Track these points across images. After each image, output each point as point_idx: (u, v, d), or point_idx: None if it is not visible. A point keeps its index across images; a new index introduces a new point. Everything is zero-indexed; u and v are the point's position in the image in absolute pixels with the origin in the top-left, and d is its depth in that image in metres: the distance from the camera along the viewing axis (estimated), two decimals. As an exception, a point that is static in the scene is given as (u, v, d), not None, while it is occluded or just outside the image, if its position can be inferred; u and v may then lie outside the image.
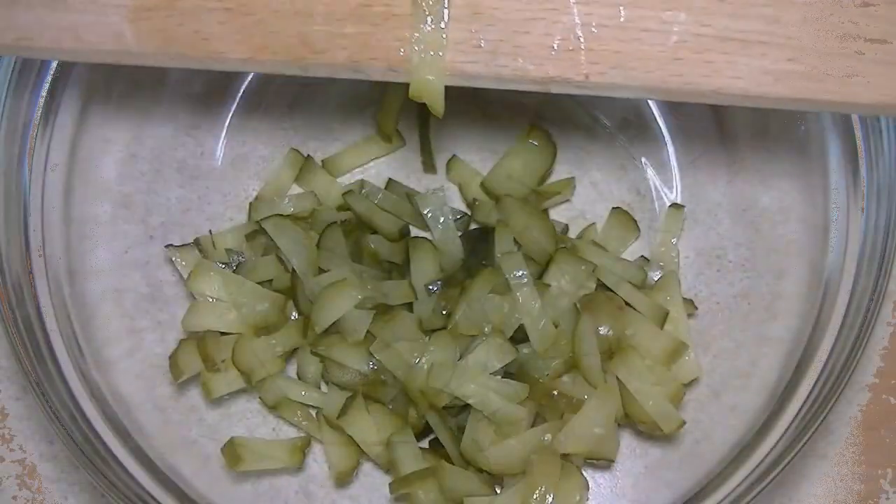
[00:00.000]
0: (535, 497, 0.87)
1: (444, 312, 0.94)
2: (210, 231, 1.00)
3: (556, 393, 0.91)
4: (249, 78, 1.04)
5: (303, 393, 0.96)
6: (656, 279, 0.98)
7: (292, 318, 0.98)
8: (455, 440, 0.92)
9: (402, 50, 0.74)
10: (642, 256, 1.00)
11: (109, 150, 0.99)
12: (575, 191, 1.03)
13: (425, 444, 0.96)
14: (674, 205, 1.01)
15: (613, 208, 1.01)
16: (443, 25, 0.73)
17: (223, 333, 0.96)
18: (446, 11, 0.73)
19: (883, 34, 0.71)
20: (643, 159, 1.03)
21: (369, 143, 1.04)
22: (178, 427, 0.96)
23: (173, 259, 0.98)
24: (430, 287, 0.95)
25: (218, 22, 0.75)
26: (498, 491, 0.92)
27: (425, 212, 0.98)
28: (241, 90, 1.04)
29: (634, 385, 0.90)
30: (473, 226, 1.01)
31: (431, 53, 0.73)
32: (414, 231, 1.02)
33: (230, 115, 1.04)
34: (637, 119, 1.03)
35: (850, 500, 1.00)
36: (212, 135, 1.04)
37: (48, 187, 0.91)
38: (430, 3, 0.73)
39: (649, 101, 1.03)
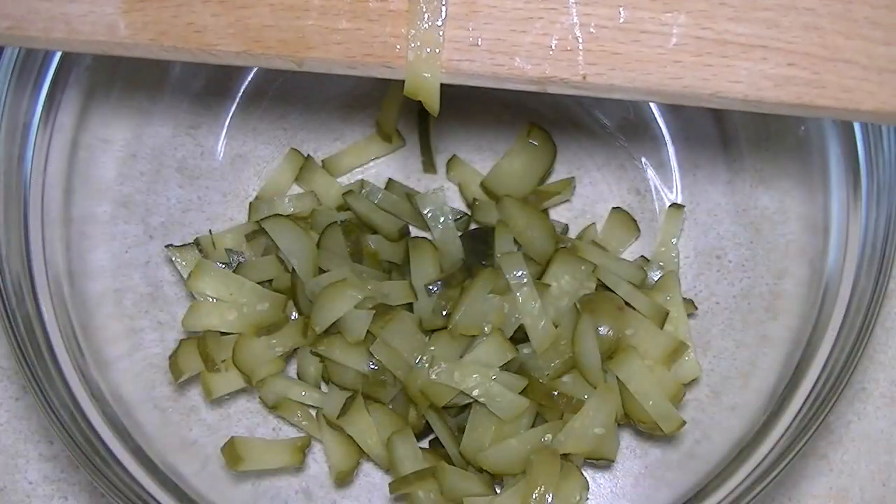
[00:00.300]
0: (535, 497, 0.87)
1: (444, 312, 0.93)
2: (210, 231, 1.00)
3: (556, 393, 0.91)
4: (249, 77, 1.04)
5: (303, 393, 0.96)
6: (656, 279, 0.98)
7: (292, 318, 0.98)
8: (455, 440, 0.92)
9: (398, 47, 0.73)
10: (642, 256, 1.00)
11: (109, 150, 0.99)
12: (575, 191, 1.03)
13: (425, 444, 0.96)
14: (674, 205, 1.01)
15: (613, 208, 1.01)
16: (440, 23, 0.72)
17: (223, 333, 0.95)
18: (444, 9, 0.72)
19: (885, 41, 0.70)
20: (643, 159, 1.03)
21: (369, 143, 1.04)
22: (178, 427, 0.96)
23: (173, 259, 0.98)
24: (430, 287, 0.95)
25: (211, 14, 0.75)
26: (498, 491, 0.92)
27: (425, 212, 0.98)
28: (242, 90, 1.04)
29: (634, 385, 0.90)
30: (473, 226, 1.01)
31: (428, 51, 0.73)
32: (414, 231, 1.02)
33: (230, 114, 1.04)
34: (637, 119, 1.03)
35: (850, 500, 1.00)
36: (212, 135, 1.04)
37: (48, 187, 0.91)
38: None
39: (649, 102, 1.03)
